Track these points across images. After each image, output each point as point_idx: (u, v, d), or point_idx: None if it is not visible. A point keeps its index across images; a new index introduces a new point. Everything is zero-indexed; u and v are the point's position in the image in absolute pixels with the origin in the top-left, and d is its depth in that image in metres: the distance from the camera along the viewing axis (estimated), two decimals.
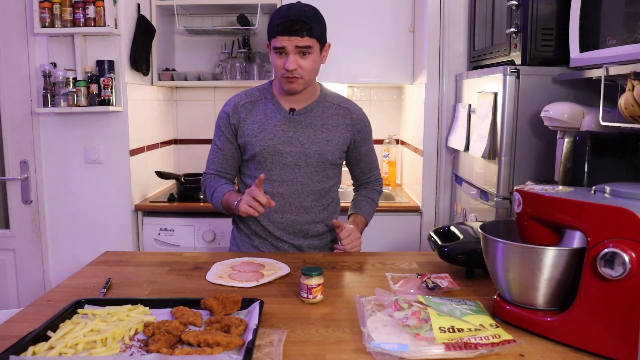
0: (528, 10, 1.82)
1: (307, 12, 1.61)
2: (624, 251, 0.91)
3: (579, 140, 1.38)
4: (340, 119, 1.76)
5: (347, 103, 1.80)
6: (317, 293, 1.25)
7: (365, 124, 1.82)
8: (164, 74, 2.98)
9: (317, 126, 1.73)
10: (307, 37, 1.59)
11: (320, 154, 1.72)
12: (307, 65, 1.63)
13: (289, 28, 1.57)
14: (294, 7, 1.61)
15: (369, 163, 1.89)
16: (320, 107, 1.76)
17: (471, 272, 1.43)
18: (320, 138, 1.72)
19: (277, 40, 1.60)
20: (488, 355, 0.98)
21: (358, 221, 1.82)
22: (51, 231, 2.70)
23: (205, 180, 1.81)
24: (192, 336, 0.99)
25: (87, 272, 1.50)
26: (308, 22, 1.59)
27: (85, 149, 2.65)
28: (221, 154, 1.78)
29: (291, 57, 1.60)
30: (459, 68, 2.56)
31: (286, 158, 1.71)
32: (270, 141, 1.71)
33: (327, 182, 1.79)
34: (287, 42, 1.59)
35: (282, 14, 1.60)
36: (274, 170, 1.73)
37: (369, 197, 1.91)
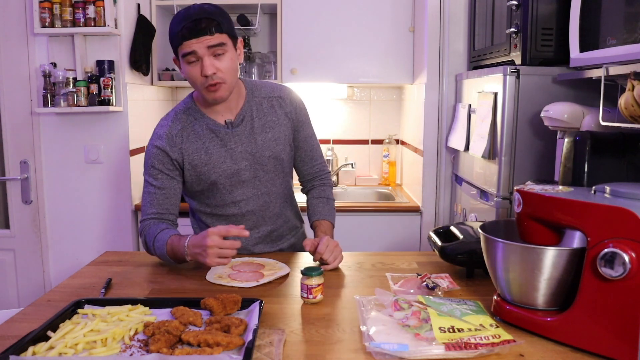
0: (528, 10, 1.82)
1: (209, 8, 1.45)
2: (624, 251, 0.91)
3: (579, 140, 1.38)
4: (277, 110, 1.62)
5: (276, 91, 1.65)
6: (317, 293, 1.25)
7: (301, 107, 1.67)
8: (164, 74, 2.98)
9: (259, 129, 1.59)
10: (217, 33, 1.43)
11: (274, 157, 1.61)
12: (225, 65, 1.45)
13: (194, 29, 1.40)
14: (193, 8, 1.44)
15: (309, 150, 1.71)
16: (253, 106, 1.60)
17: (471, 272, 1.43)
18: (267, 140, 1.59)
19: (184, 46, 1.43)
20: (488, 355, 0.98)
21: (325, 228, 1.66)
22: (51, 231, 2.70)
23: (144, 228, 1.54)
24: (192, 336, 0.99)
25: (87, 272, 1.50)
26: (214, 17, 1.43)
27: (85, 149, 2.65)
28: (161, 194, 1.55)
29: (206, 60, 1.42)
30: (459, 68, 2.56)
31: (243, 174, 1.58)
32: (223, 164, 1.56)
33: (287, 181, 1.70)
34: (197, 45, 1.41)
35: (182, 17, 1.43)
36: (235, 192, 1.60)
37: (323, 197, 1.75)
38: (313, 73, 2.90)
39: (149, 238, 1.51)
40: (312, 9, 2.87)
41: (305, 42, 2.88)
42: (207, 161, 1.55)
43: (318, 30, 2.88)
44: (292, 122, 1.65)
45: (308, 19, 2.87)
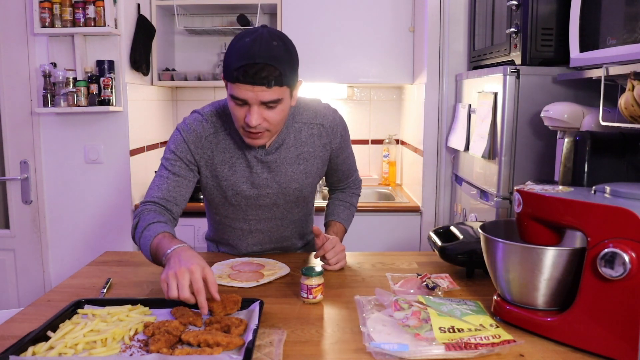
0: (528, 10, 1.82)
1: (276, 50, 1.24)
2: (624, 251, 0.91)
3: (579, 140, 1.38)
4: (316, 140, 1.51)
5: (319, 117, 1.51)
6: (317, 293, 1.25)
7: (342, 134, 1.56)
8: (164, 74, 2.98)
9: (293, 159, 1.49)
10: (276, 86, 1.25)
11: (300, 190, 1.53)
12: (274, 117, 1.31)
13: (253, 76, 1.22)
14: (259, 44, 1.23)
15: (346, 170, 1.67)
16: (292, 133, 1.48)
17: (471, 272, 1.43)
18: (297, 172, 1.50)
19: (236, 89, 1.25)
20: (488, 355, 0.98)
21: (337, 230, 1.63)
22: (51, 231, 2.70)
23: (143, 211, 1.37)
24: (192, 336, 0.99)
25: (87, 272, 1.50)
26: (278, 66, 1.23)
27: (85, 149, 2.65)
28: (174, 181, 1.42)
29: (254, 109, 1.27)
30: (459, 68, 2.56)
31: (263, 200, 1.52)
32: (244, 185, 1.48)
33: (307, 208, 1.65)
34: (251, 95, 1.25)
35: (245, 52, 1.23)
36: (249, 211, 1.54)
37: (347, 202, 1.71)
38: (313, 73, 2.90)
39: (141, 223, 1.32)
40: (312, 9, 2.87)
41: (305, 42, 2.88)
42: (229, 177, 1.47)
43: (318, 30, 2.88)
44: (329, 151, 1.55)
45: (308, 19, 2.87)
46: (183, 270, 1.09)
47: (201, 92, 3.33)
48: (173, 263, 1.13)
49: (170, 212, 1.42)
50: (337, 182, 1.72)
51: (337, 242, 1.48)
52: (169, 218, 1.40)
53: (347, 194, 1.74)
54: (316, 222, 1.83)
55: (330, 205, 1.72)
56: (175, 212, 1.43)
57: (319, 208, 1.85)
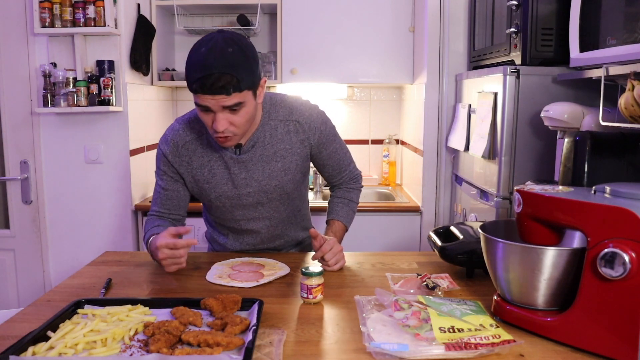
0: (528, 10, 1.82)
1: (232, 57, 1.26)
2: (624, 251, 0.91)
3: (579, 140, 1.38)
4: (293, 136, 1.51)
5: (295, 114, 1.52)
6: (317, 293, 1.25)
7: (321, 129, 1.55)
8: (164, 74, 2.98)
9: (269, 157, 1.50)
10: (235, 92, 1.28)
11: (280, 187, 1.54)
12: (240, 120, 1.34)
13: (210, 87, 1.25)
14: (214, 53, 1.25)
15: (336, 165, 1.65)
16: (267, 130, 1.49)
17: (471, 272, 1.43)
18: (275, 170, 1.51)
19: (199, 98, 1.30)
20: (488, 355, 0.98)
21: (337, 229, 1.62)
22: (51, 231, 2.70)
23: (146, 222, 1.59)
24: (192, 336, 0.99)
25: (87, 272, 1.50)
26: (235, 74, 1.26)
27: (85, 149, 2.65)
28: (164, 195, 1.56)
29: (219, 116, 1.31)
30: (459, 68, 2.56)
31: (245, 199, 1.54)
32: (224, 186, 1.51)
33: (294, 204, 1.65)
34: (212, 102, 1.28)
35: (201, 64, 1.25)
36: (236, 212, 1.57)
37: (346, 198, 1.70)
38: (313, 73, 2.90)
39: (145, 233, 1.56)
40: (312, 9, 2.87)
41: (305, 42, 2.88)
42: (209, 180, 1.52)
43: (318, 30, 2.88)
44: (308, 147, 1.55)
45: (308, 19, 2.87)
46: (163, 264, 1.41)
47: None
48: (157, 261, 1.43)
49: (170, 219, 1.60)
50: (330, 178, 1.70)
51: (335, 243, 1.49)
52: (169, 222, 1.59)
53: (344, 189, 1.72)
54: (314, 221, 1.83)
55: (330, 204, 1.71)
56: (173, 218, 1.60)
57: (320, 208, 1.85)
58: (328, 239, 1.49)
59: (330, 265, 1.47)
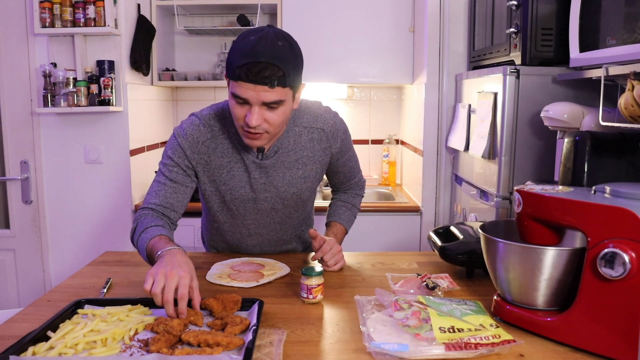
0: (528, 10, 1.82)
1: (281, 50, 1.22)
2: (624, 251, 0.91)
3: (579, 140, 1.38)
4: (316, 144, 1.48)
5: (320, 121, 1.48)
6: (317, 293, 1.25)
7: (342, 138, 1.53)
8: (164, 74, 2.98)
9: (291, 164, 1.47)
10: (279, 87, 1.23)
11: (298, 195, 1.52)
12: (275, 119, 1.28)
13: (255, 75, 1.20)
14: (264, 43, 1.21)
15: (348, 173, 1.64)
16: (291, 137, 1.45)
17: (471, 272, 1.43)
18: (296, 177, 1.48)
19: (238, 87, 1.23)
20: (488, 355, 0.98)
21: (337, 231, 1.61)
22: (51, 231, 2.70)
23: (140, 216, 1.38)
24: (192, 336, 0.99)
25: (87, 272, 1.50)
26: (282, 66, 1.21)
27: (85, 149, 2.65)
28: (171, 187, 1.42)
29: (255, 109, 1.24)
30: (459, 68, 2.56)
31: (261, 205, 1.50)
32: (241, 189, 1.46)
33: (305, 211, 1.64)
34: (252, 94, 1.22)
35: (249, 50, 1.20)
36: (248, 216, 1.53)
37: (349, 203, 1.69)
38: (313, 73, 2.90)
39: (139, 227, 1.34)
40: (312, 9, 2.87)
41: (305, 42, 2.86)
42: (227, 181, 1.46)
43: (318, 30, 2.88)
44: (329, 156, 1.53)
45: (308, 19, 2.87)
46: (174, 274, 1.09)
47: (201, 92, 3.33)
48: (165, 262, 1.13)
49: (168, 218, 1.42)
50: (339, 184, 1.71)
51: (334, 244, 1.47)
52: (166, 222, 1.40)
53: (349, 194, 1.72)
54: (316, 222, 1.83)
55: (332, 206, 1.71)
56: (173, 218, 1.43)
57: (321, 208, 1.85)
58: (327, 239, 1.48)
59: (330, 265, 1.47)
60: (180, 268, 1.11)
